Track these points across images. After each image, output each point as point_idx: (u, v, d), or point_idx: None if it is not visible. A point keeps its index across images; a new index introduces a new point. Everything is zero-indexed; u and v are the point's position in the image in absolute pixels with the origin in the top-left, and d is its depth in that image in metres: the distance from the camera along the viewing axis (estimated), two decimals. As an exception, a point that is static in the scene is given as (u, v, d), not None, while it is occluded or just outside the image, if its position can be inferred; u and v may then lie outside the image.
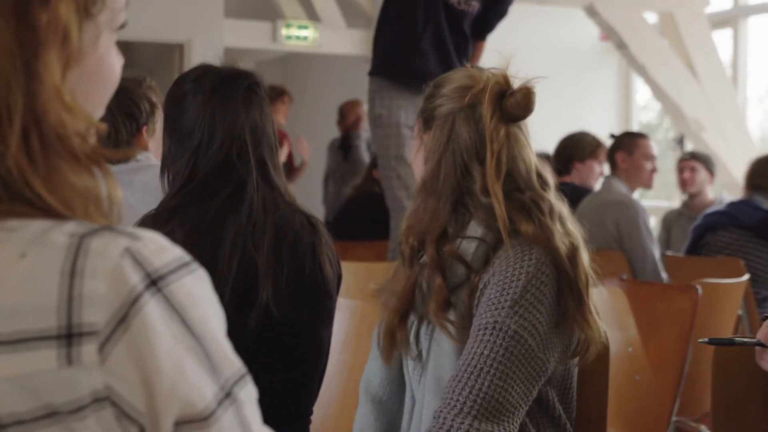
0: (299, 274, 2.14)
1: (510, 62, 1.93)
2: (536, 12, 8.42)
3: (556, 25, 8.97)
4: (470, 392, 1.73)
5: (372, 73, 4.47)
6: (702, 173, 6.29)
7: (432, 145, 1.94)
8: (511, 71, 1.92)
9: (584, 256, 1.87)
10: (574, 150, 5.47)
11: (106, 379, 0.86)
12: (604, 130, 8.77)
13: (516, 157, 1.90)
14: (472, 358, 1.75)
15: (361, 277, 3.61)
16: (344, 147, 7.95)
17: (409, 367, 1.96)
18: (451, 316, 1.84)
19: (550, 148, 5.90)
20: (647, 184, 5.02)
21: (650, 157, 4.99)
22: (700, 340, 1.98)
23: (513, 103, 1.88)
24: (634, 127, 9.55)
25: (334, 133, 8.28)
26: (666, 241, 6.24)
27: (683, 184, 6.41)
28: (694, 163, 6.36)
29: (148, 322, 0.87)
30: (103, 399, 0.87)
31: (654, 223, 7.40)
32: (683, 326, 3.22)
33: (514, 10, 4.59)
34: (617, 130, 9.51)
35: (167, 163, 2.20)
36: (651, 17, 8.06)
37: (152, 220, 2.10)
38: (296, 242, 2.15)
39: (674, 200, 8.02)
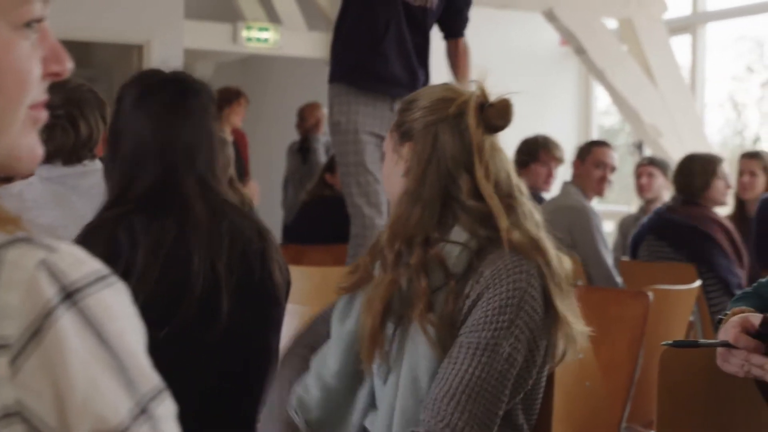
0: (249, 281, 2.13)
1: (486, 75, 2.00)
2: (496, 16, 8.44)
3: (516, 29, 9.00)
4: (469, 415, 1.81)
5: (331, 80, 4.41)
6: (659, 179, 6.33)
7: (414, 156, 1.97)
8: (488, 83, 1.99)
9: (565, 261, 1.96)
10: (517, 155, 5.48)
11: (17, 394, 0.84)
12: (564, 135, 8.81)
13: (499, 165, 1.97)
14: (470, 379, 1.82)
15: (315, 282, 3.59)
16: (303, 150, 7.93)
17: (375, 366, 1.96)
18: (432, 317, 1.88)
19: (509, 153, 5.91)
20: (597, 192, 5.03)
21: (601, 165, 5.01)
22: (663, 343, 1.99)
23: (493, 114, 1.96)
24: (594, 132, 9.61)
25: (295, 135, 8.26)
26: (622, 245, 6.27)
27: (641, 189, 6.45)
28: (652, 168, 6.40)
29: (61, 336, 0.85)
30: (14, 414, 0.84)
31: (612, 227, 7.44)
32: (634, 332, 3.22)
33: (473, 15, 4.53)
34: (577, 135, 9.61)
35: (107, 170, 2.18)
36: (610, 23, 8.11)
37: (96, 231, 2.07)
38: (246, 249, 2.14)
39: (633, 205, 8.07)
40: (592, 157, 5.02)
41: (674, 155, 7.23)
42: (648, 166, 6.43)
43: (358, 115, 4.23)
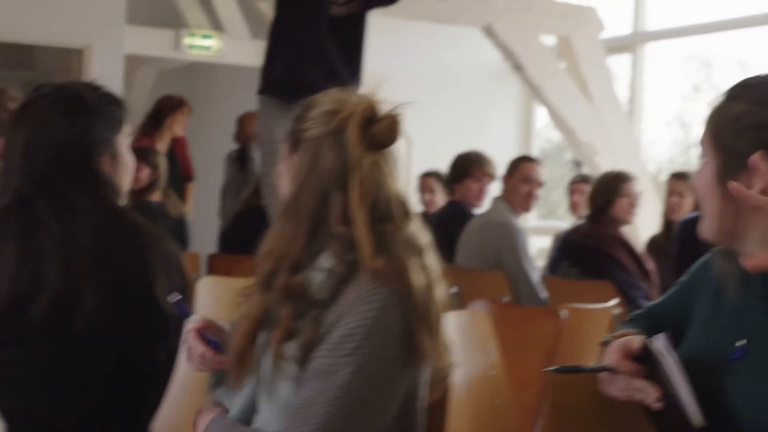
0: (122, 285, 2.13)
1: (379, 87, 1.93)
2: (441, 31, 8.47)
3: (460, 44, 9.03)
4: None
5: (258, 92, 4.46)
6: None
7: (296, 169, 1.92)
8: (381, 96, 1.91)
9: (439, 290, 1.88)
10: (451, 171, 5.55)
11: None
12: (506, 151, 8.85)
13: (379, 185, 1.88)
14: (310, 408, 1.77)
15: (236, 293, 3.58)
16: (241, 159, 7.90)
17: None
18: (293, 345, 1.82)
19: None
20: (524, 207, 5.03)
21: (528, 181, 5.02)
22: (547, 369, 1.98)
23: (379, 131, 1.88)
24: (535, 148, 9.69)
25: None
26: (555, 262, 6.32)
27: (573, 206, 6.50)
28: (584, 186, 6.45)
29: None
30: None
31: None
32: (547, 350, 3.25)
33: (417, 30, 4.54)
34: (519, 151, 9.66)
35: None
36: (549, 40, 8.18)
37: None
38: (120, 254, 2.15)
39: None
40: (520, 173, 5.04)
41: (609, 173, 7.31)
42: (580, 183, 6.49)
43: (275, 126, 4.25)
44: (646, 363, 1.77)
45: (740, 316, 1.76)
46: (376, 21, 4.52)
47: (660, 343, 1.74)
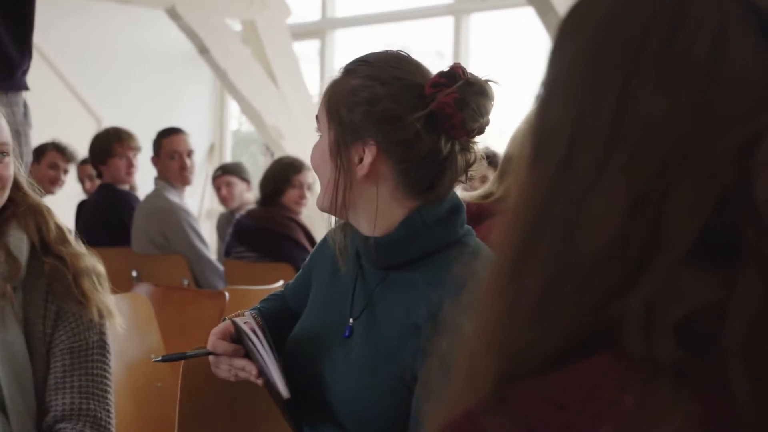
0: None
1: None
2: (133, 11, 8.29)
3: (154, 24, 8.85)
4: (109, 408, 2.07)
5: None
6: (239, 185, 6.36)
7: None
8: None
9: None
10: (92, 154, 5.28)
11: None
12: (201, 133, 8.79)
13: None
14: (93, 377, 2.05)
15: None
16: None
17: None
18: None
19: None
20: (181, 181, 4.91)
21: (175, 155, 4.88)
22: (153, 359, 2.01)
23: None
24: (229, 132, 9.71)
25: None
26: (220, 245, 6.25)
27: (222, 200, 6.43)
28: (228, 177, 6.35)
29: None
30: None
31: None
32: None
33: (108, 9, 4.38)
34: (214, 134, 9.62)
35: None
36: (235, 24, 8.20)
37: None
38: None
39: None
40: (164, 150, 4.90)
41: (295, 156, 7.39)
42: (223, 176, 6.37)
43: None
44: (241, 343, 1.80)
45: (354, 295, 1.81)
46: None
47: (245, 322, 1.78)
